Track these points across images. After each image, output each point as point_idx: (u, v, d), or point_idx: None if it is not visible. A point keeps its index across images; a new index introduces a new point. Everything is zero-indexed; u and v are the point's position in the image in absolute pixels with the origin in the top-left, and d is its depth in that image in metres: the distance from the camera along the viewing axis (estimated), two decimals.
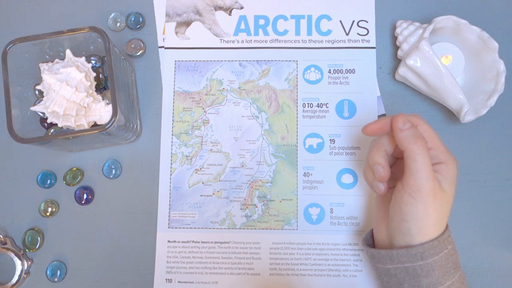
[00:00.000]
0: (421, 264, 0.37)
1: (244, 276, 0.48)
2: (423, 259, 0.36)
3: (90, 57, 0.48)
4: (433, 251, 0.36)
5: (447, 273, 0.37)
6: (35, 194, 0.50)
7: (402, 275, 0.38)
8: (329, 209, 0.49)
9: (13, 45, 0.43)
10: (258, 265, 0.48)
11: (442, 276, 0.37)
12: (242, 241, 0.48)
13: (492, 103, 0.46)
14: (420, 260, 0.37)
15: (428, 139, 0.38)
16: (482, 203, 0.49)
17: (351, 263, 0.48)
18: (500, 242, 0.48)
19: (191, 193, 0.49)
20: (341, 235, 0.48)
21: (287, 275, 0.47)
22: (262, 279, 0.47)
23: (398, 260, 0.38)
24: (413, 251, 0.37)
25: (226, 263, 0.48)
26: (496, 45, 0.46)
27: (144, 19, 0.53)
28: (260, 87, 0.51)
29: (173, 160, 0.50)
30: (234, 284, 0.47)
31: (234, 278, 0.48)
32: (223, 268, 0.48)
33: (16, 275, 0.47)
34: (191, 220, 0.49)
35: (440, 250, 0.37)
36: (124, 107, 0.46)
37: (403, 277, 0.38)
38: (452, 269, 0.37)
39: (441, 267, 0.37)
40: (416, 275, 0.37)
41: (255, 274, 0.48)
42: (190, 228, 0.49)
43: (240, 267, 0.48)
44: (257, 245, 0.48)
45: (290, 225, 0.48)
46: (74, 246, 0.49)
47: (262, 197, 0.49)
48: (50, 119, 0.44)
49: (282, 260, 0.48)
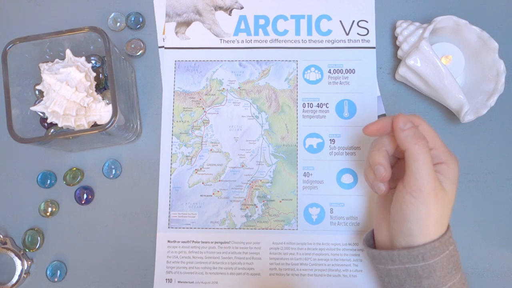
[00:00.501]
0: (422, 265, 0.37)
1: (244, 276, 0.48)
2: (425, 260, 0.36)
3: (90, 57, 0.48)
4: (434, 252, 0.36)
5: (449, 274, 0.37)
6: (35, 194, 0.50)
7: (403, 276, 0.38)
8: (329, 209, 0.49)
9: (13, 45, 0.43)
10: (258, 265, 0.48)
11: (443, 277, 0.37)
12: (242, 241, 0.48)
13: (492, 103, 0.46)
14: (422, 261, 0.37)
15: (429, 139, 0.38)
16: (482, 203, 0.49)
17: (351, 263, 0.48)
18: (500, 242, 0.48)
19: (191, 193, 0.49)
20: (341, 235, 0.48)
21: (287, 275, 0.47)
22: (262, 279, 0.47)
23: (399, 261, 0.38)
24: (415, 252, 0.37)
25: (226, 263, 0.48)
26: (496, 45, 0.46)
27: (144, 19, 0.53)
28: (260, 87, 0.51)
29: (173, 160, 0.50)
30: (234, 284, 0.47)
31: (234, 278, 0.48)
32: (223, 268, 0.48)
33: (16, 275, 0.47)
34: (191, 220, 0.49)
35: (442, 251, 0.37)
36: (124, 107, 0.46)
37: (404, 278, 0.38)
38: (454, 270, 0.37)
39: (443, 268, 0.37)
40: (417, 276, 0.37)
41: (255, 274, 0.48)
42: (190, 228, 0.49)
43: (240, 267, 0.48)
44: (257, 245, 0.48)
45: (290, 225, 0.48)
46: (74, 246, 0.49)
47: (262, 197, 0.49)
48: (50, 119, 0.44)
49: (282, 260, 0.48)
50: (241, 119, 0.50)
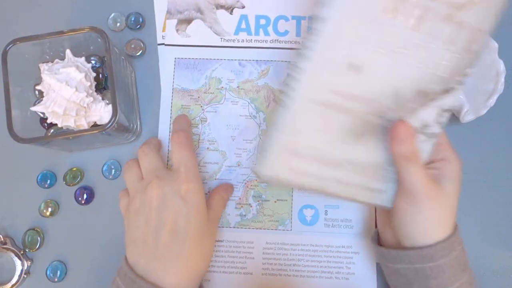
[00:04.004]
0: (431, 265, 0.36)
1: (236, 275, 0.48)
2: (434, 260, 0.36)
3: (90, 57, 0.48)
4: (443, 252, 0.36)
5: (457, 274, 0.37)
6: (35, 194, 0.50)
7: (411, 275, 0.38)
8: (324, 210, 0.49)
9: (13, 45, 0.43)
10: (250, 264, 0.48)
11: (451, 277, 0.36)
12: (236, 240, 0.48)
13: (492, 103, 0.46)
14: (431, 261, 0.36)
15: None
16: (482, 203, 0.49)
17: (343, 266, 0.47)
18: (500, 242, 0.48)
19: None
20: (334, 237, 0.48)
21: (279, 276, 0.47)
22: (254, 278, 0.47)
23: (409, 260, 0.37)
24: (423, 252, 0.36)
25: (219, 261, 0.48)
26: (496, 45, 0.46)
27: (144, 19, 0.53)
28: (259, 87, 0.51)
29: (170, 158, 0.50)
30: (226, 282, 0.47)
31: (226, 277, 0.47)
32: (216, 267, 0.48)
33: (16, 275, 0.47)
34: None
35: (450, 252, 0.36)
36: (124, 107, 0.46)
37: (413, 277, 0.38)
38: (461, 270, 0.37)
39: (451, 268, 0.36)
40: (425, 277, 0.37)
41: (248, 273, 0.48)
42: None
43: (233, 266, 0.48)
44: (250, 245, 0.48)
45: (284, 225, 0.48)
46: (74, 246, 0.49)
47: (257, 196, 0.49)
48: (50, 119, 0.44)
49: (275, 260, 0.48)
50: (239, 118, 0.50)
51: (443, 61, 0.33)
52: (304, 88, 0.33)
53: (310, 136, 0.35)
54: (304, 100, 0.34)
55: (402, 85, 0.34)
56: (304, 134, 0.35)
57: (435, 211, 0.36)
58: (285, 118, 0.34)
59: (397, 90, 0.34)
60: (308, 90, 0.34)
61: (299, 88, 0.33)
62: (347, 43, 0.32)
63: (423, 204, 0.36)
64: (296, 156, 0.35)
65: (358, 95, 0.34)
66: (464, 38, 0.33)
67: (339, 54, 0.33)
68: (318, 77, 0.33)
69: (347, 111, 0.34)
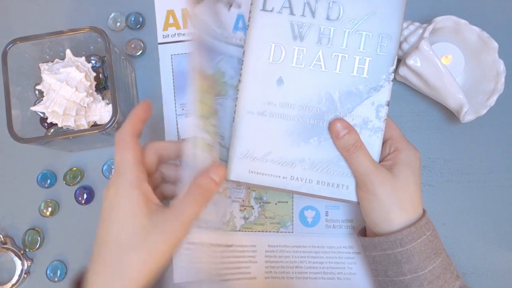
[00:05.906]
0: (400, 250, 0.37)
1: (242, 281, 0.47)
2: (402, 245, 0.37)
3: (90, 57, 0.48)
4: (411, 237, 0.37)
5: (428, 259, 0.38)
6: (35, 194, 0.50)
7: (385, 262, 0.39)
8: (325, 212, 0.49)
9: (13, 45, 0.43)
10: (254, 268, 0.47)
11: (422, 261, 0.37)
12: (242, 244, 0.48)
13: (492, 103, 0.46)
14: (400, 246, 0.37)
15: (386, 130, 0.40)
16: (482, 203, 0.49)
17: (345, 266, 0.47)
18: (500, 242, 0.48)
19: None
20: (336, 238, 0.48)
21: (282, 278, 0.47)
22: (257, 283, 0.47)
23: (381, 247, 0.39)
24: (392, 238, 0.38)
25: (229, 268, 0.47)
26: (496, 45, 0.46)
27: (144, 19, 0.53)
28: None
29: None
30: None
31: (233, 284, 0.47)
32: (227, 274, 0.47)
33: (16, 275, 0.47)
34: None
35: (419, 236, 0.37)
36: (124, 107, 0.46)
37: (387, 264, 0.39)
38: (433, 255, 0.38)
39: (421, 252, 0.37)
40: (397, 262, 0.38)
41: (252, 278, 0.47)
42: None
43: (239, 271, 0.47)
44: (253, 248, 0.48)
45: (286, 227, 0.48)
46: (74, 246, 0.49)
47: (259, 198, 0.49)
48: (50, 119, 0.44)
49: (277, 263, 0.48)
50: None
51: (359, 65, 0.39)
52: (240, 103, 0.41)
53: (260, 142, 0.40)
54: (244, 112, 0.41)
55: (330, 90, 0.39)
56: (254, 141, 0.40)
57: (390, 195, 0.38)
58: (236, 129, 0.41)
59: (326, 94, 0.40)
60: (244, 103, 0.41)
61: (238, 103, 0.41)
62: (268, 66, 0.40)
63: (376, 189, 0.38)
64: (253, 161, 0.40)
65: (289, 103, 0.40)
66: (373, 44, 0.39)
67: (263, 75, 0.40)
68: (251, 93, 0.41)
69: (287, 118, 0.40)
